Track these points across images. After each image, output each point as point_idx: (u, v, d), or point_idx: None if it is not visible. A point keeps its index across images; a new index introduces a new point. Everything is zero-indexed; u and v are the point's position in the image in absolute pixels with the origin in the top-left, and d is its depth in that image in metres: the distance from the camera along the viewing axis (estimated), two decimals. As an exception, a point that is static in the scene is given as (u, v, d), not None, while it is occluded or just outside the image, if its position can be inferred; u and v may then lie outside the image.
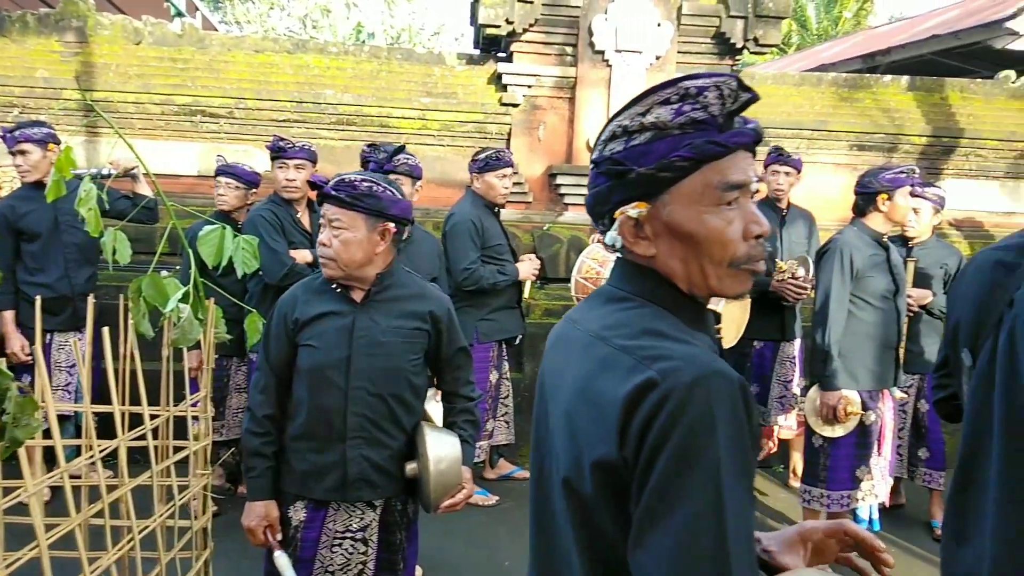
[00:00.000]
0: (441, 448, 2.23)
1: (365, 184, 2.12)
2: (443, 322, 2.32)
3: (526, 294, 4.36)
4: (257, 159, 5.02)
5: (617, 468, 0.96)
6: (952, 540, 1.59)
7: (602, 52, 5.05)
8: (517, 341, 4.43)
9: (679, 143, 1.01)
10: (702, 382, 0.93)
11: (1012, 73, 6.28)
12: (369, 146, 3.82)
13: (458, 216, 4.13)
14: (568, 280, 4.36)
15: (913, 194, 3.84)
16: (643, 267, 1.09)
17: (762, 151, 5.00)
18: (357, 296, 2.22)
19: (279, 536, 2.19)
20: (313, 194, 3.17)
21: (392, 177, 3.64)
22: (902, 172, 3.63)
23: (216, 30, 15.39)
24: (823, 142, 5.61)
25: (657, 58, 5.09)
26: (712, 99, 1.01)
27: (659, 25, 5.04)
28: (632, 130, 1.04)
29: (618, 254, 1.15)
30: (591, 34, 5.02)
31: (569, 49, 5.18)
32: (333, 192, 2.12)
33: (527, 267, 4.25)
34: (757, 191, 1.08)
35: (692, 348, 0.99)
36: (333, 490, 2.18)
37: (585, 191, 1.16)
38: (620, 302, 1.09)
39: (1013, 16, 6.97)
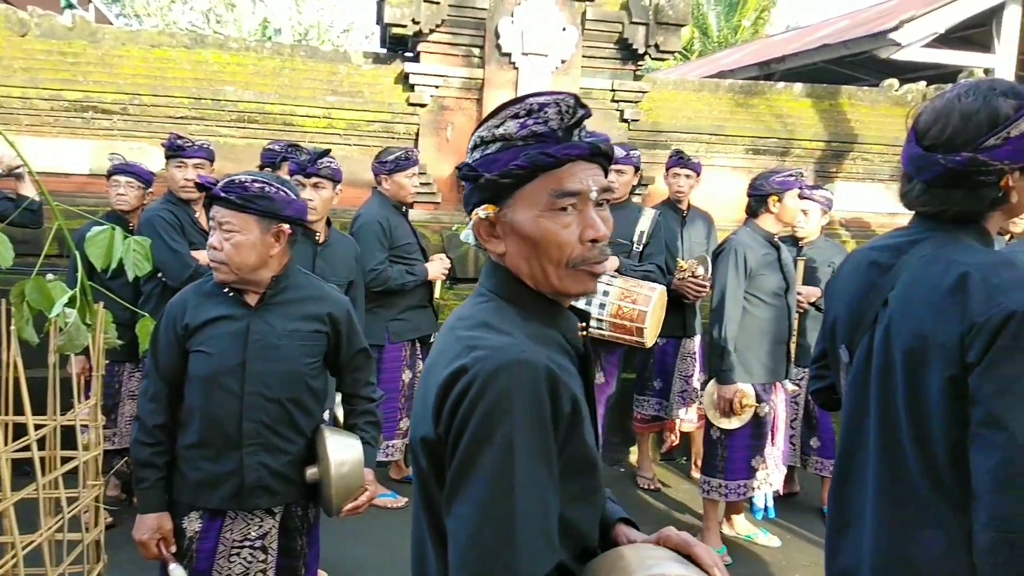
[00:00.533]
0: (343, 451, 2.21)
1: (257, 185, 2.07)
2: (342, 323, 2.30)
3: (437, 294, 4.36)
4: (153, 157, 4.84)
5: (436, 445, 1.08)
6: (834, 530, 1.64)
7: (509, 54, 5.11)
8: (431, 340, 4.44)
9: (520, 153, 1.12)
10: (505, 369, 1.03)
11: (895, 81, 6.68)
12: (291, 147, 3.76)
13: (365, 217, 4.11)
14: (475, 281, 4.36)
15: (801, 196, 4.03)
16: (498, 265, 1.21)
17: (664, 154, 5.17)
18: (251, 300, 2.17)
19: (173, 548, 2.12)
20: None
21: (314, 180, 3.59)
22: (791, 175, 3.81)
23: (111, 23, 14.73)
24: (721, 146, 5.83)
25: (563, 62, 5.19)
26: (552, 114, 1.13)
27: (564, 30, 5.14)
28: (487, 140, 1.15)
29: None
30: (497, 36, 5.07)
31: (476, 51, 5.22)
32: (223, 194, 2.05)
33: (437, 267, 4.26)
34: (608, 199, 1.18)
35: (508, 339, 1.08)
36: (229, 499, 2.13)
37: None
38: (478, 296, 1.21)
39: (896, 28, 7.40)
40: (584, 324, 1.26)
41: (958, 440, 1.38)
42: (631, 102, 5.46)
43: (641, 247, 4.20)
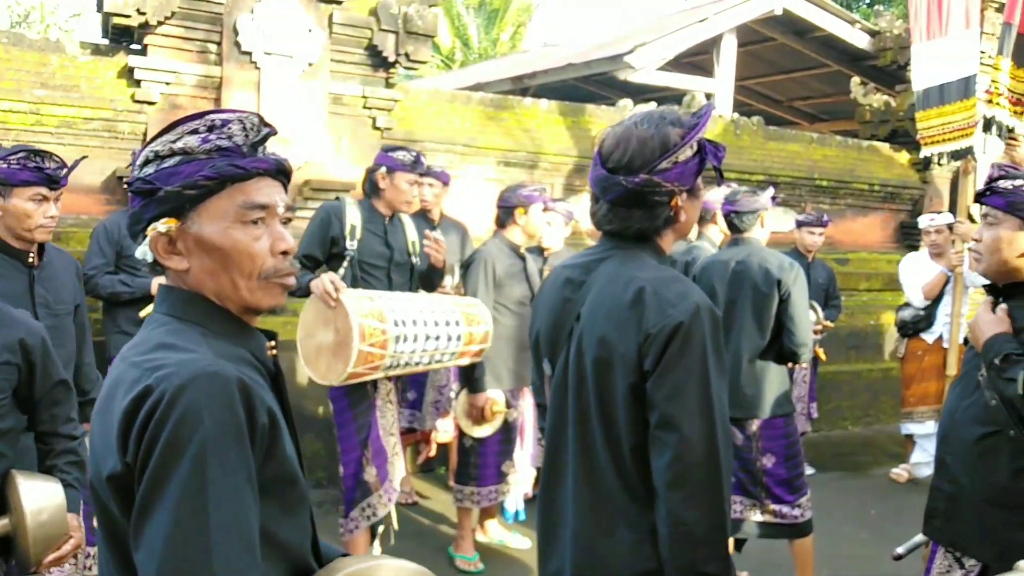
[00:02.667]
0: (39, 497, 1.97)
1: None
2: (35, 353, 2.03)
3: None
4: None
5: (124, 478, 1.02)
6: (543, 535, 1.71)
7: (249, 53, 4.81)
8: None
9: (204, 166, 1.12)
10: (192, 383, 1.00)
11: (630, 102, 7.21)
12: (34, 153, 2.93)
13: (103, 222, 3.95)
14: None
15: (546, 209, 4.23)
16: (173, 288, 1.18)
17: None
18: None
19: None
20: None
21: (58, 194, 2.92)
22: (536, 190, 3.99)
23: None
24: (473, 157, 5.92)
25: (310, 64, 4.98)
26: (236, 131, 1.15)
27: (310, 31, 4.94)
28: (163, 155, 1.13)
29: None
30: (236, 33, 4.76)
31: (213, 47, 4.86)
32: None
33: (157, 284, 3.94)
34: (289, 218, 1.23)
35: (193, 355, 1.06)
36: None
37: None
38: (151, 323, 1.17)
39: (630, 52, 8.01)
40: (273, 344, 1.24)
41: (641, 442, 1.51)
42: (384, 110, 5.38)
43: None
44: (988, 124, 4.44)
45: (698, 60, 9.69)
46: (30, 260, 2.73)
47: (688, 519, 1.43)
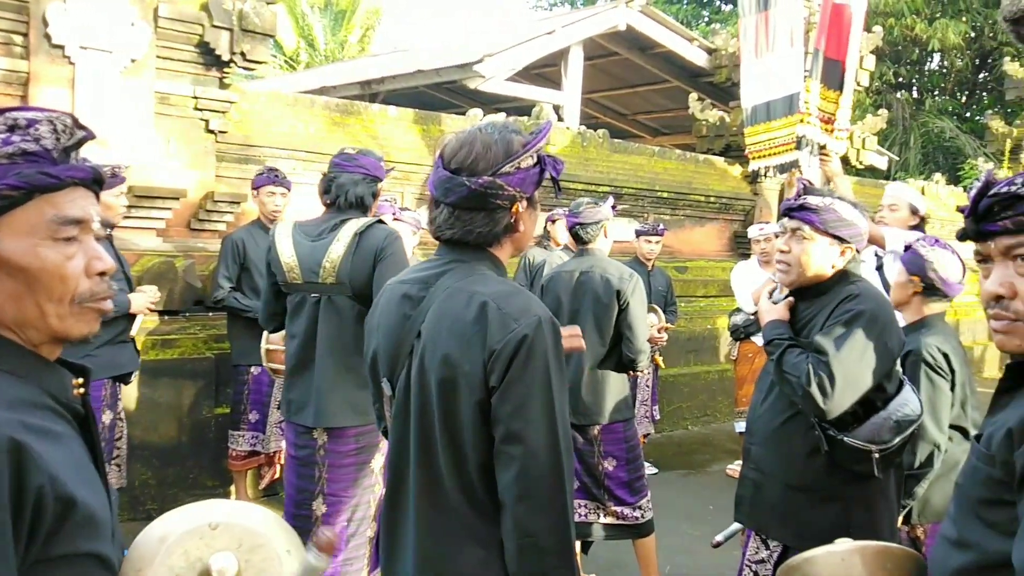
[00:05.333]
0: None
1: None
2: None
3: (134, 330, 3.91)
4: None
5: None
6: (386, 558, 1.68)
7: (62, 47, 4.36)
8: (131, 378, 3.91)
9: (7, 172, 0.97)
10: None
11: (480, 111, 7.18)
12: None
13: None
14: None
15: (394, 218, 4.17)
16: None
17: (256, 170, 4.86)
18: None
19: None
20: None
21: None
22: (385, 200, 3.89)
23: None
24: (318, 164, 5.67)
25: (133, 61, 4.59)
26: (45, 132, 1.00)
27: (133, 25, 4.55)
28: None
29: None
30: (46, 24, 4.30)
31: (19, 39, 4.36)
32: None
33: (141, 299, 3.85)
34: (106, 234, 1.03)
35: None
36: None
37: None
38: None
39: (479, 61, 8.00)
40: (81, 381, 1.08)
41: (487, 460, 1.50)
42: (217, 111, 5.04)
43: None
44: (799, 141, 4.78)
45: (547, 72, 9.85)
46: None
47: (535, 530, 1.44)
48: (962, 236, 1.32)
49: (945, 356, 2.69)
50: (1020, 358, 1.25)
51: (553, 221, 5.92)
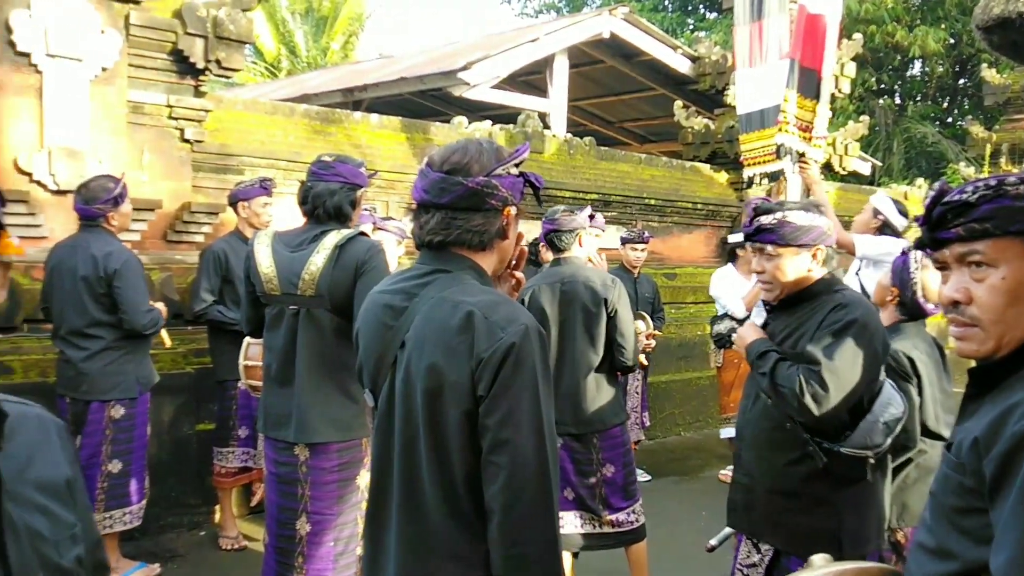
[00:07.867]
0: None
1: None
2: None
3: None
4: None
5: None
6: (369, 561, 1.66)
7: (28, 55, 4.20)
8: None
9: None
10: None
11: (464, 119, 7.06)
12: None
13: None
14: None
15: (376, 228, 4.04)
16: None
17: (235, 179, 4.72)
18: None
19: None
20: None
21: None
22: (364, 210, 3.78)
23: None
24: (298, 174, 5.52)
25: (104, 69, 4.43)
26: None
27: (103, 32, 4.39)
28: None
29: None
30: (10, 31, 4.13)
31: (-18, 46, 4.21)
32: None
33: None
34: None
35: None
36: None
37: (19, 220, 0.88)
38: None
39: (464, 68, 7.88)
40: None
41: (473, 469, 1.48)
42: (193, 120, 4.89)
43: None
44: (778, 150, 4.76)
45: (532, 79, 9.77)
46: None
47: (522, 540, 1.43)
48: (919, 244, 1.34)
49: (911, 361, 2.75)
50: (981, 363, 1.27)
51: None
